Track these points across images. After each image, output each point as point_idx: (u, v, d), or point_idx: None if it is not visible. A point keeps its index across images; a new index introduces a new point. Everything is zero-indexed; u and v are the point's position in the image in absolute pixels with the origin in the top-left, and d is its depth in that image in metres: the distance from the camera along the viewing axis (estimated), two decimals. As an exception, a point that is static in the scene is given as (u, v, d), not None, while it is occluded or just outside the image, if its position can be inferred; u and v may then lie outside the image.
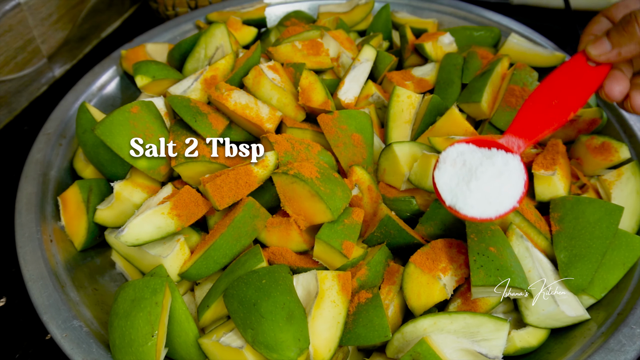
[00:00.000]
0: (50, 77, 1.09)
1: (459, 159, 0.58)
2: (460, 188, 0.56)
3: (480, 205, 0.55)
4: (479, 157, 0.57)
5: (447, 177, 0.57)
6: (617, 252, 0.62)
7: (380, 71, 0.85)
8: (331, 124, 0.71)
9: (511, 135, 0.60)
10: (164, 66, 0.82)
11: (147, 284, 0.57)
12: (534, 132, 0.60)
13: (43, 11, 1.02)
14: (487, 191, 0.55)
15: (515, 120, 0.62)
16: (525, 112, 0.62)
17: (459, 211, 0.56)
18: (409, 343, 0.57)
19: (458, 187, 0.56)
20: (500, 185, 0.55)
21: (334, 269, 0.62)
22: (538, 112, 0.61)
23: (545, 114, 0.61)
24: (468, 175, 0.56)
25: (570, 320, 0.60)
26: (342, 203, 0.62)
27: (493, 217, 0.56)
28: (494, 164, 0.56)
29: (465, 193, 0.55)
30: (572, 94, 0.62)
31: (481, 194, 0.55)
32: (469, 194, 0.55)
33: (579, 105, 0.61)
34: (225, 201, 0.63)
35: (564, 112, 0.61)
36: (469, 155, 0.58)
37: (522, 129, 0.60)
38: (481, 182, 0.55)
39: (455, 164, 0.57)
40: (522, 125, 0.61)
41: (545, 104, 0.62)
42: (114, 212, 0.69)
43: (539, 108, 0.62)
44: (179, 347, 0.58)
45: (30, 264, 0.64)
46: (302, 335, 0.54)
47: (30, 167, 0.75)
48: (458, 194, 0.56)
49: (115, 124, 0.67)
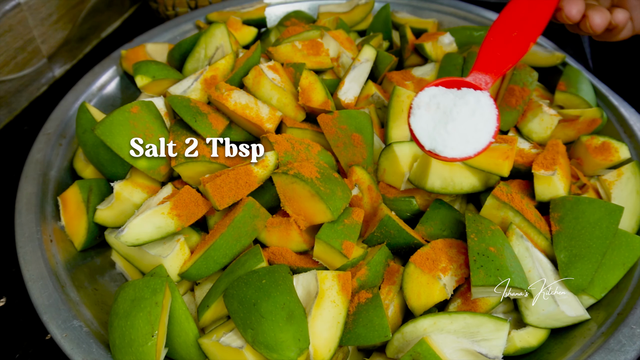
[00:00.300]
0: (50, 77, 1.09)
1: (432, 102, 0.58)
2: (437, 131, 0.56)
3: (459, 145, 0.56)
4: (451, 98, 0.57)
5: (423, 122, 0.57)
6: (617, 252, 0.62)
7: (380, 71, 0.85)
8: (331, 124, 0.71)
9: (478, 72, 0.61)
10: (164, 66, 0.82)
11: (147, 284, 0.57)
12: (499, 66, 0.61)
13: (43, 11, 1.02)
14: (464, 130, 0.56)
15: (479, 56, 0.62)
16: (487, 47, 0.62)
17: (439, 154, 0.57)
18: (409, 343, 0.57)
19: (435, 130, 0.56)
20: (475, 122, 0.56)
21: (334, 269, 0.62)
22: (500, 46, 0.62)
23: (507, 46, 0.62)
24: (444, 117, 0.56)
25: (570, 320, 0.60)
26: (342, 203, 0.62)
27: (472, 155, 0.57)
28: (467, 103, 0.57)
29: (444, 135, 0.56)
30: (530, 23, 0.63)
31: (459, 134, 0.56)
32: (447, 136, 0.56)
33: (537, 32, 0.63)
34: (225, 201, 0.63)
35: (525, 42, 0.62)
36: (441, 97, 0.58)
37: (487, 65, 0.61)
38: (457, 122, 0.56)
39: (430, 108, 0.57)
40: (487, 61, 0.61)
41: (506, 37, 0.62)
42: (114, 212, 0.69)
43: (500, 42, 0.62)
44: (179, 347, 0.58)
45: (30, 264, 0.64)
46: (302, 335, 0.54)
47: (30, 167, 0.75)
48: (436, 137, 0.56)
49: (115, 124, 0.67)
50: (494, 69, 0.61)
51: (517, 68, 0.79)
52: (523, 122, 0.78)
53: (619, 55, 1.13)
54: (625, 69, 1.08)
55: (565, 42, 0.97)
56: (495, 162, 0.66)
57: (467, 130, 0.56)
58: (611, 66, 1.06)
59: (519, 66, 0.80)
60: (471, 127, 0.56)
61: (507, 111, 0.75)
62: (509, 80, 0.78)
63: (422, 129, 0.57)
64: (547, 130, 0.77)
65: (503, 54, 0.62)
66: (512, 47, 0.62)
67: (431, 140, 0.57)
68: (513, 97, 0.76)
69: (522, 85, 0.77)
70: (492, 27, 0.64)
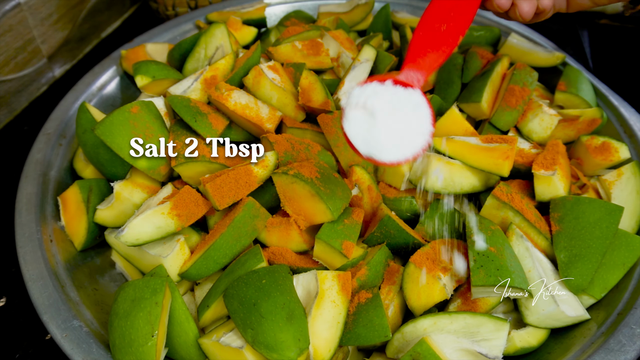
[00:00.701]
0: (50, 77, 1.09)
1: (365, 104, 0.55)
2: (372, 135, 0.54)
3: (396, 148, 0.54)
4: (384, 99, 0.55)
5: (357, 126, 0.54)
6: (617, 252, 0.62)
7: (380, 71, 0.85)
8: (331, 124, 0.71)
9: (409, 69, 0.59)
10: (164, 66, 0.82)
11: (147, 284, 0.57)
12: (430, 63, 0.59)
13: (43, 11, 1.02)
14: (400, 132, 0.54)
15: (410, 53, 0.60)
16: (417, 43, 0.60)
17: (377, 160, 0.54)
18: (409, 343, 0.57)
19: (370, 134, 0.54)
20: (410, 123, 0.54)
21: (334, 269, 0.62)
22: (430, 42, 0.60)
23: (436, 41, 0.60)
24: (378, 120, 0.54)
25: (570, 320, 0.60)
26: (342, 203, 0.62)
27: (410, 158, 0.54)
28: (400, 103, 0.54)
29: (379, 140, 0.53)
30: (458, 15, 0.61)
31: (395, 137, 0.53)
32: (382, 139, 0.53)
33: (466, 24, 0.61)
34: (225, 201, 0.63)
35: (454, 35, 0.61)
36: (373, 99, 0.55)
37: (419, 62, 0.59)
38: (392, 124, 0.53)
39: (362, 110, 0.54)
40: (418, 58, 0.59)
41: (435, 32, 0.61)
42: (114, 212, 0.69)
43: (429, 37, 0.61)
44: (179, 347, 0.58)
45: (30, 264, 0.64)
46: (302, 335, 0.54)
47: (30, 167, 0.75)
48: (371, 142, 0.54)
49: (115, 124, 0.67)
50: (426, 66, 0.59)
51: (517, 68, 0.79)
52: (523, 122, 0.78)
53: (619, 55, 1.13)
54: (625, 69, 1.08)
55: (565, 42, 0.97)
56: (495, 162, 0.66)
57: (403, 132, 0.54)
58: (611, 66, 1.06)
59: (519, 66, 0.80)
60: (406, 128, 0.54)
61: (507, 111, 0.75)
62: (509, 80, 0.78)
63: (357, 134, 0.54)
64: (547, 130, 0.77)
65: (433, 49, 0.60)
66: (442, 41, 0.60)
67: (366, 144, 0.54)
68: (513, 97, 0.76)
69: (522, 85, 0.77)
70: (421, 22, 0.61)
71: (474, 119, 0.80)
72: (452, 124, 0.72)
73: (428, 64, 0.59)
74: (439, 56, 0.60)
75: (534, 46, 0.89)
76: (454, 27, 0.61)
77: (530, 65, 0.82)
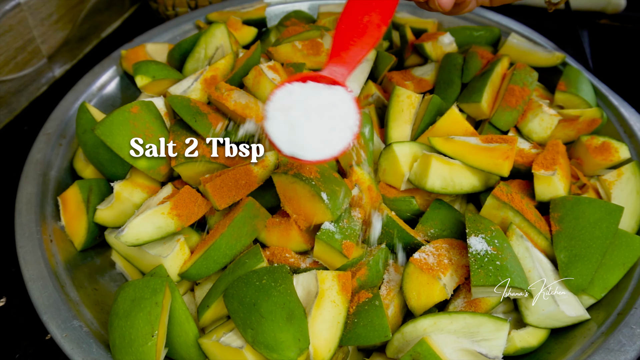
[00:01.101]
0: (50, 77, 1.09)
1: (287, 102, 0.53)
2: (295, 134, 0.52)
3: (319, 145, 0.52)
4: (306, 96, 0.53)
5: (279, 125, 0.53)
6: (617, 252, 0.62)
7: (380, 71, 0.85)
8: (331, 124, 0.71)
9: (333, 65, 0.57)
10: (164, 66, 0.82)
11: (147, 284, 0.57)
12: (353, 56, 0.58)
13: (43, 11, 1.02)
14: (323, 130, 0.52)
15: (333, 48, 0.59)
16: (340, 37, 0.59)
17: (301, 158, 0.53)
18: (409, 343, 0.57)
19: (293, 133, 0.52)
20: (334, 120, 0.53)
21: (334, 269, 0.62)
22: (353, 34, 0.59)
23: (359, 34, 0.59)
24: (300, 118, 0.52)
25: (570, 320, 0.60)
26: (342, 203, 0.62)
27: (336, 154, 0.53)
28: (323, 100, 0.53)
29: (301, 137, 0.52)
30: (380, 6, 0.60)
31: (318, 134, 0.52)
32: (305, 137, 0.52)
33: (389, 15, 0.60)
34: (225, 201, 0.63)
35: (377, 26, 0.59)
36: (296, 96, 0.54)
37: (342, 56, 0.58)
38: (315, 122, 0.52)
39: (284, 109, 0.53)
40: (341, 52, 0.58)
41: (358, 24, 0.59)
42: (114, 212, 0.69)
43: (352, 30, 0.59)
44: (179, 347, 0.58)
45: (30, 264, 0.64)
46: (302, 335, 0.54)
47: (30, 167, 0.75)
48: (294, 140, 0.52)
49: (115, 124, 0.67)
50: (350, 60, 0.58)
51: (517, 68, 0.79)
52: (523, 122, 0.78)
53: (619, 55, 1.13)
54: (625, 69, 1.08)
55: (565, 42, 0.97)
56: (495, 162, 0.66)
57: (327, 129, 0.52)
58: (611, 66, 1.06)
59: (519, 66, 0.80)
60: (330, 125, 0.53)
61: (507, 111, 0.75)
62: (509, 80, 0.78)
63: (279, 133, 0.53)
64: (547, 130, 0.77)
65: (356, 42, 0.58)
66: (364, 33, 0.59)
67: (289, 144, 0.52)
68: (513, 97, 0.76)
69: (522, 85, 0.77)
70: (343, 15, 0.60)
71: (474, 119, 0.80)
72: (452, 124, 0.72)
73: (352, 57, 0.58)
74: (362, 48, 0.58)
75: (534, 46, 0.89)
76: (377, 18, 0.59)
77: (530, 65, 0.82)
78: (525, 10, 1.22)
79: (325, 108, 0.53)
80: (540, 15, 1.20)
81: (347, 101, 0.54)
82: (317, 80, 0.55)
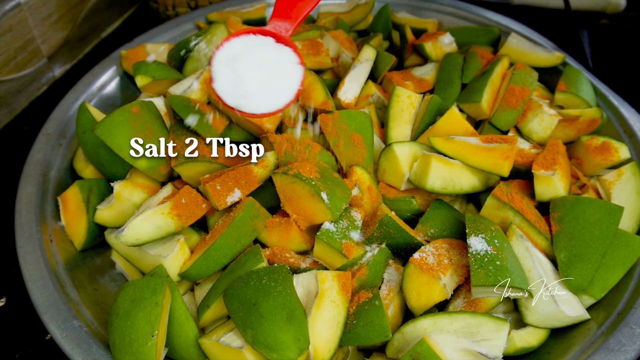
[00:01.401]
0: (50, 77, 1.09)
1: (231, 56, 0.54)
2: (240, 87, 0.53)
3: (265, 99, 0.54)
4: (250, 51, 0.54)
5: (224, 79, 0.54)
6: (617, 252, 0.62)
7: (380, 71, 0.85)
8: (331, 124, 0.71)
9: (277, 19, 0.59)
10: (164, 66, 0.82)
11: (147, 284, 0.57)
12: (297, 11, 0.59)
13: (43, 11, 1.02)
14: (268, 83, 0.54)
15: (277, 3, 0.60)
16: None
17: (246, 111, 0.54)
18: (409, 343, 0.57)
19: (238, 86, 0.54)
20: (279, 74, 0.54)
21: (334, 269, 0.62)
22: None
23: None
24: (244, 72, 0.53)
25: (570, 320, 0.60)
26: (342, 203, 0.62)
27: (281, 107, 0.54)
28: (267, 54, 0.54)
29: (247, 91, 0.53)
30: None
31: (263, 88, 0.53)
32: (250, 91, 0.53)
33: None
34: (225, 201, 0.63)
35: None
36: (240, 51, 0.55)
37: (286, 11, 0.59)
38: (259, 75, 0.53)
39: (229, 63, 0.54)
40: (286, 7, 0.59)
41: None
42: (114, 212, 0.69)
43: None
44: (179, 347, 0.58)
45: (30, 264, 0.64)
46: (302, 335, 0.54)
47: (30, 167, 0.75)
48: (239, 94, 0.54)
49: (115, 124, 0.67)
50: (293, 14, 0.58)
51: (517, 68, 0.79)
52: (523, 122, 0.78)
53: (619, 55, 1.13)
54: (625, 69, 1.08)
55: (565, 42, 0.97)
56: (495, 162, 0.66)
57: (272, 82, 0.53)
58: (611, 66, 1.07)
59: (519, 66, 0.80)
60: (275, 79, 0.53)
61: (507, 111, 0.75)
62: (509, 80, 0.78)
63: (223, 86, 0.54)
64: (547, 130, 0.77)
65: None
66: None
67: (234, 97, 0.54)
68: (513, 97, 0.76)
69: (522, 85, 0.77)
70: None
71: (474, 119, 0.80)
72: (452, 124, 0.72)
73: (295, 12, 0.59)
74: (306, 4, 0.59)
75: (534, 46, 0.89)
76: None
77: (530, 65, 0.82)
78: (525, 10, 1.22)
79: (270, 63, 0.54)
80: (540, 15, 1.20)
81: (291, 56, 0.55)
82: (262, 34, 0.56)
